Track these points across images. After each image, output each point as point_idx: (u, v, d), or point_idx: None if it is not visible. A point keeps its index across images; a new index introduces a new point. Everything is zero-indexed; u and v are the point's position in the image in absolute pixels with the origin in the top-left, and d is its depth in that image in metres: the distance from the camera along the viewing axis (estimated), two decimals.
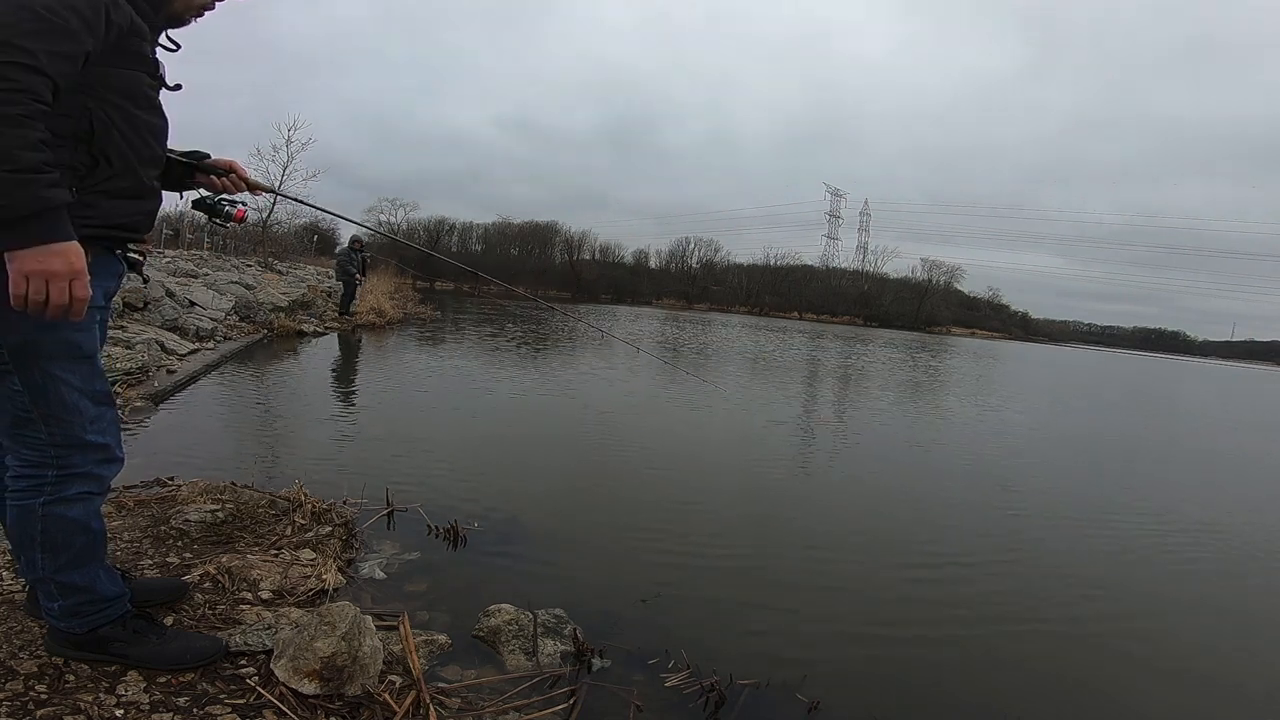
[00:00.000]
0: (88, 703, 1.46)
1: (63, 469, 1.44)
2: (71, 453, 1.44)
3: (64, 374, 1.41)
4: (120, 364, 5.29)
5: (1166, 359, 66.94)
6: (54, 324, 1.35)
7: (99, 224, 1.41)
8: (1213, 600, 3.22)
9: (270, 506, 2.78)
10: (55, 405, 1.41)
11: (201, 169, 1.78)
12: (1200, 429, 11.06)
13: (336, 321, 12.45)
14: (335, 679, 1.63)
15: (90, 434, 1.46)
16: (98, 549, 1.54)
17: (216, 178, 1.80)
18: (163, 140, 1.57)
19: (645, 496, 3.99)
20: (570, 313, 19.53)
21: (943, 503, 4.44)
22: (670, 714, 1.91)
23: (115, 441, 1.53)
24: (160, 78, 1.54)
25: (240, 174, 1.83)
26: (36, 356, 1.38)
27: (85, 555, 1.51)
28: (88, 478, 1.48)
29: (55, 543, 1.46)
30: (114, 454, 1.52)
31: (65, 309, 1.27)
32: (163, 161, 1.58)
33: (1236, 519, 4.76)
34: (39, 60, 1.20)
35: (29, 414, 1.40)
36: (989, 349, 37.63)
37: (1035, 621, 2.77)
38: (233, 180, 1.82)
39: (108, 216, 1.43)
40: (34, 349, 1.37)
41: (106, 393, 1.51)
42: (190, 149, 1.78)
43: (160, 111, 1.55)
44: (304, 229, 36.66)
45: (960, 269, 78.59)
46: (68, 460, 1.44)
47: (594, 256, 68.96)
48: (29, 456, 1.43)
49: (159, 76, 1.53)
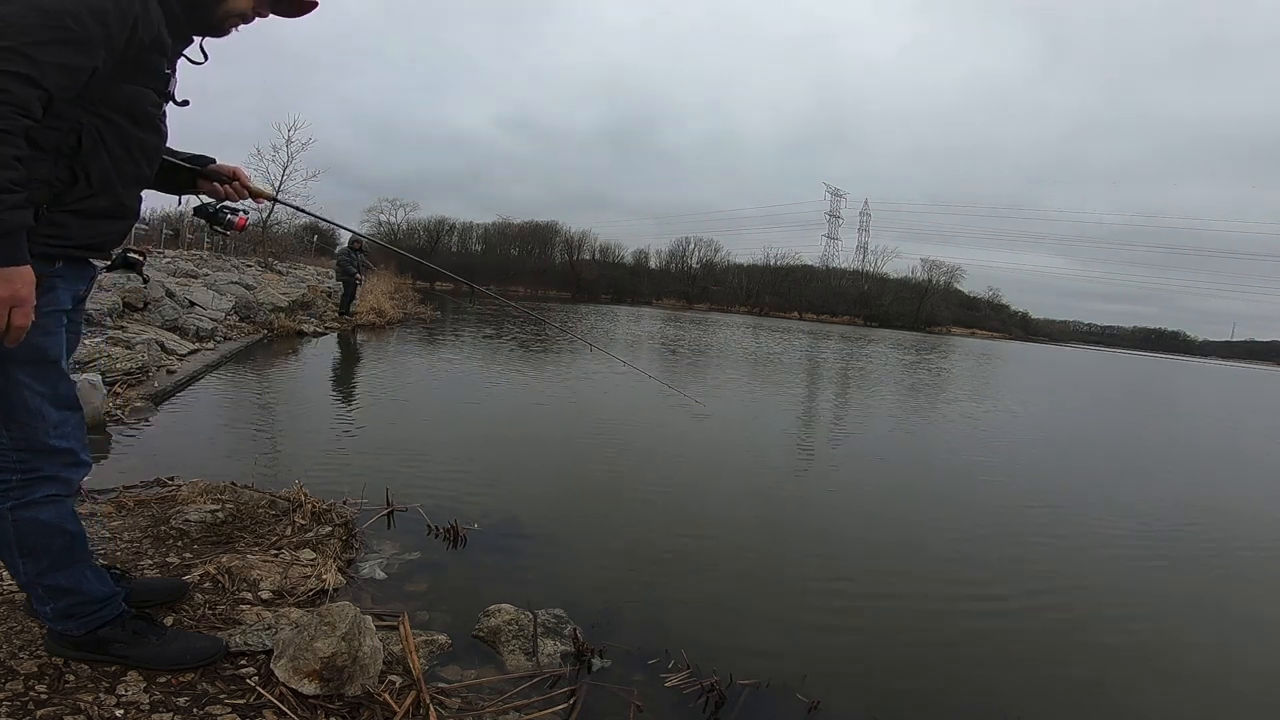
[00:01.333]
0: (88, 703, 1.46)
1: (26, 473, 1.42)
2: (34, 457, 1.42)
3: (27, 379, 1.38)
4: (120, 364, 5.29)
5: (1167, 359, 66.94)
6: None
7: (64, 244, 1.37)
8: (1215, 600, 3.22)
9: (270, 506, 2.78)
10: (17, 410, 1.38)
11: (205, 175, 1.76)
12: (1215, 429, 11.06)
13: (336, 322, 12.45)
14: (335, 679, 1.62)
15: (54, 439, 1.44)
16: (78, 550, 1.53)
17: (220, 185, 1.78)
18: (155, 159, 1.53)
19: (645, 496, 3.99)
20: (540, 309, 19.50)
21: (943, 504, 4.44)
22: (670, 714, 1.91)
23: (80, 445, 1.51)
24: (169, 94, 1.51)
25: (244, 181, 1.81)
26: (1, 361, 1.34)
27: (66, 557, 1.50)
28: (55, 480, 1.46)
29: (32, 546, 1.45)
30: (79, 458, 1.50)
31: (3, 335, 1.23)
32: (148, 181, 1.54)
33: (1243, 516, 4.76)
34: (40, 72, 1.16)
35: None
36: (989, 349, 37.62)
37: (1035, 622, 2.77)
38: (235, 188, 1.80)
39: (76, 237, 1.38)
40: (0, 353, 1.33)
41: (71, 397, 1.48)
42: (194, 154, 1.76)
43: (159, 129, 1.50)
44: (304, 229, 36.65)
45: (960, 269, 78.66)
46: (31, 465, 1.42)
47: (594, 256, 68.99)
48: None
49: (167, 93, 1.50)
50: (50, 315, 1.39)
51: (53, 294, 1.39)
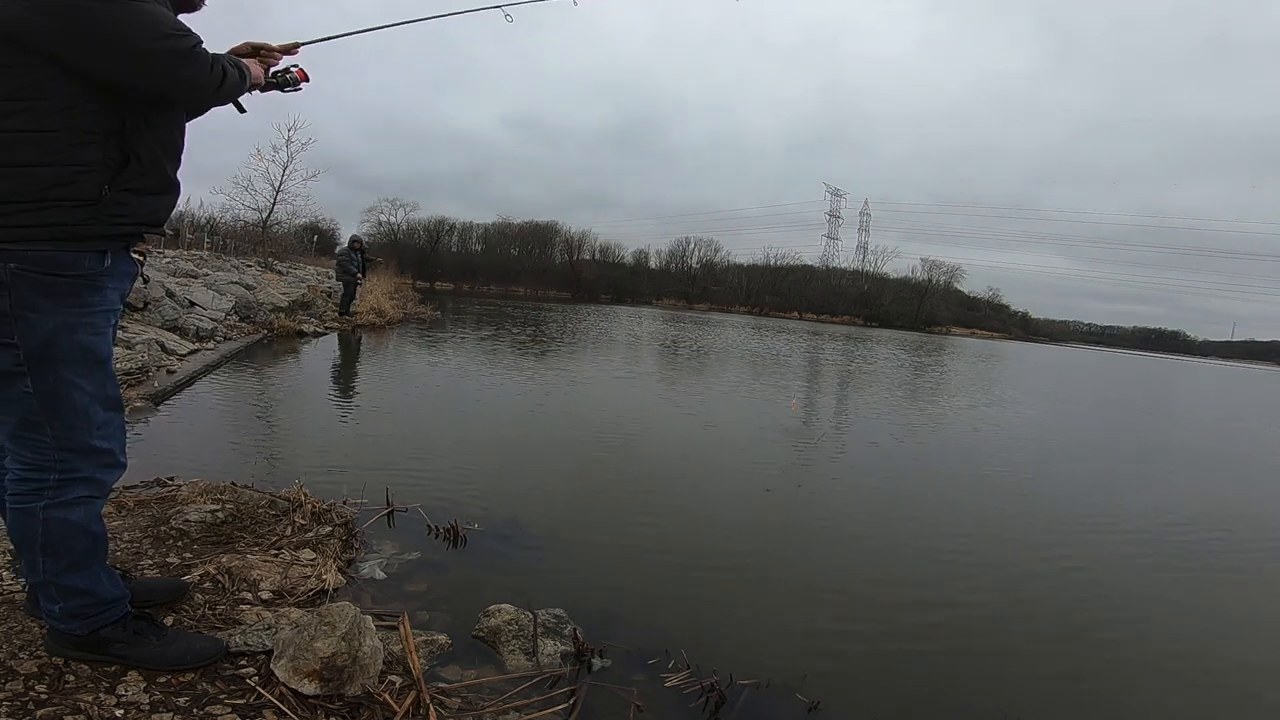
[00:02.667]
0: (88, 703, 1.46)
1: (64, 473, 1.43)
2: (75, 457, 1.44)
3: (78, 379, 1.40)
4: (120, 364, 5.29)
5: (1167, 359, 66.92)
6: (71, 327, 1.36)
7: (132, 221, 1.43)
8: (1217, 600, 3.23)
9: (270, 506, 2.78)
10: (65, 410, 1.40)
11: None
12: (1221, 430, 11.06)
13: (336, 321, 12.45)
14: (335, 679, 1.62)
15: (96, 439, 1.46)
16: (99, 552, 1.54)
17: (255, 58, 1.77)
18: (184, 133, 1.60)
19: (645, 496, 3.99)
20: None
21: (944, 504, 4.44)
22: (670, 714, 1.91)
23: (119, 447, 1.53)
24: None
25: (268, 47, 1.81)
26: (53, 361, 1.37)
27: (86, 558, 1.50)
28: (89, 482, 1.47)
29: (56, 546, 1.46)
30: (117, 459, 1.52)
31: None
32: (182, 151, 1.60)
33: (1247, 516, 4.76)
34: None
35: (36, 417, 1.40)
36: (990, 349, 37.62)
37: (1035, 622, 2.76)
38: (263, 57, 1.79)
39: (139, 214, 1.45)
40: (52, 353, 1.37)
41: (117, 398, 1.51)
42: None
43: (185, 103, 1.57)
44: (304, 229, 36.63)
45: (960, 269, 78.56)
46: (70, 464, 1.44)
47: (594, 256, 68.91)
48: (30, 459, 1.43)
49: None
50: (100, 315, 1.43)
51: (102, 293, 1.43)
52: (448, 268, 56.58)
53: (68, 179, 1.32)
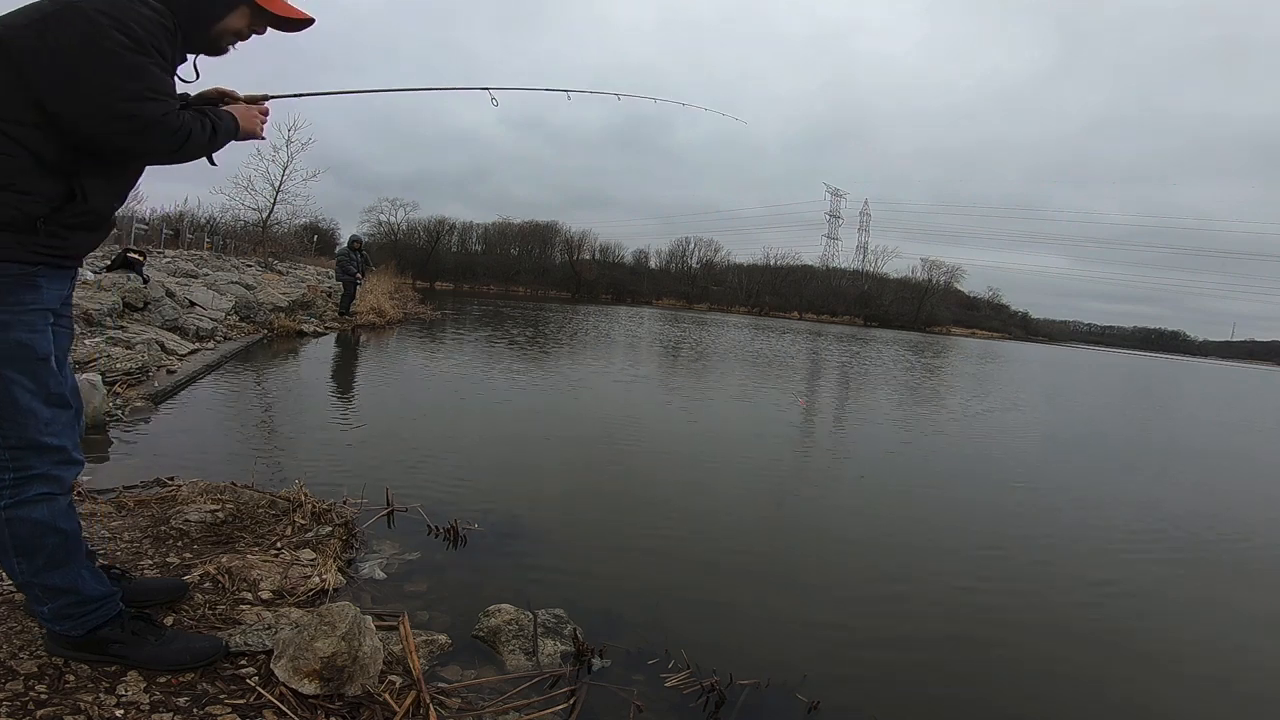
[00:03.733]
0: (88, 703, 1.46)
1: (19, 471, 1.43)
2: (27, 454, 1.43)
3: (18, 375, 1.39)
4: (120, 364, 5.29)
5: (1167, 359, 66.92)
6: (7, 325, 1.36)
7: (59, 254, 1.44)
8: (1218, 600, 3.22)
9: (270, 506, 2.78)
10: (8, 407, 1.39)
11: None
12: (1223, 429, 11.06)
13: (336, 321, 12.46)
14: (335, 679, 1.62)
15: (46, 436, 1.45)
16: (74, 549, 1.53)
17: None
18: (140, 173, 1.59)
19: (645, 496, 3.99)
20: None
21: (944, 505, 4.44)
22: (670, 714, 1.91)
23: (72, 444, 1.52)
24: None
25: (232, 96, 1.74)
26: None
27: (62, 555, 1.49)
28: (46, 479, 1.46)
29: (26, 546, 1.45)
30: (71, 455, 1.51)
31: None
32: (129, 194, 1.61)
33: (1253, 518, 4.76)
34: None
35: None
36: (990, 349, 37.63)
37: (1034, 622, 2.77)
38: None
39: (67, 248, 1.45)
40: None
41: (62, 395, 1.49)
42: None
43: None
44: (304, 229, 36.61)
45: (960, 269, 78.58)
46: (24, 461, 1.43)
47: (594, 256, 68.87)
48: None
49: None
50: (35, 313, 1.42)
51: (37, 292, 1.42)
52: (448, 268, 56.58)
53: (12, 203, 1.33)
